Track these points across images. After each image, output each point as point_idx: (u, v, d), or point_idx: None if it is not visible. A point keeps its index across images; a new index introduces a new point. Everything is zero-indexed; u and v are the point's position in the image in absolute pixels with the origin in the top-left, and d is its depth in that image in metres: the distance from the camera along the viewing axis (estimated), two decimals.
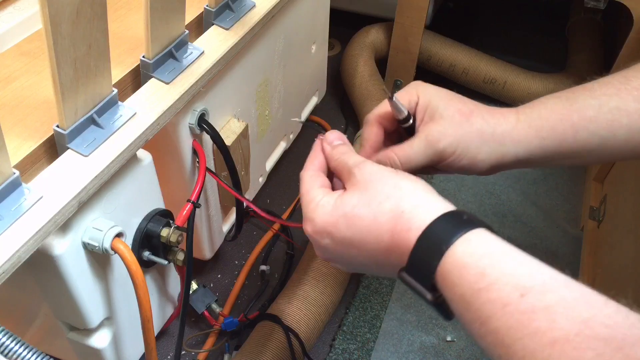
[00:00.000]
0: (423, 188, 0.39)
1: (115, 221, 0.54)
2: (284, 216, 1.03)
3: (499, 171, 0.48)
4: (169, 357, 0.84)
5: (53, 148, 0.52)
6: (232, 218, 0.86)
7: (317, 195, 0.42)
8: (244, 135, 0.77)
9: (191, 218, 0.63)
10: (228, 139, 0.73)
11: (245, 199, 0.73)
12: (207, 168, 0.69)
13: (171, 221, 0.64)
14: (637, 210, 0.81)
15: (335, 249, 0.41)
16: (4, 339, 0.41)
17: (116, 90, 0.55)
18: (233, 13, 0.70)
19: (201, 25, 0.70)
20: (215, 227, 0.82)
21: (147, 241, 0.62)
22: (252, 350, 0.76)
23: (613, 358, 0.27)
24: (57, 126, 0.50)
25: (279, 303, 0.83)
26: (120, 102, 0.56)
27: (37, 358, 0.41)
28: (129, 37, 0.64)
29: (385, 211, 0.38)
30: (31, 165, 0.50)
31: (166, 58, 0.61)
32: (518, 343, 0.30)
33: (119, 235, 0.53)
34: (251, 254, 0.97)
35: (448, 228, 0.35)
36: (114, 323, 0.62)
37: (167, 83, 0.60)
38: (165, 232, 0.61)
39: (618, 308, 0.30)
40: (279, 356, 0.76)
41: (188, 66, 0.62)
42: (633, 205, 0.85)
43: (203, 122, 0.67)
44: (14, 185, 0.46)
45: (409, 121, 0.47)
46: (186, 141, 0.67)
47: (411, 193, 0.38)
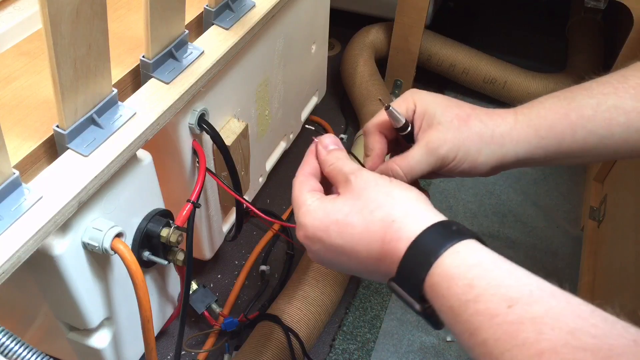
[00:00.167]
0: (416, 197, 0.39)
1: (115, 221, 0.54)
2: (284, 216, 1.03)
3: (501, 171, 0.48)
4: (169, 357, 0.84)
5: (53, 148, 0.52)
6: (232, 218, 0.86)
7: (307, 199, 0.42)
8: (244, 135, 0.77)
9: (191, 218, 0.63)
10: (228, 139, 0.73)
11: (244, 200, 0.73)
12: (207, 168, 0.69)
13: (171, 221, 0.64)
14: (637, 210, 0.81)
15: (326, 255, 0.41)
16: (4, 339, 0.41)
17: (116, 90, 0.55)
18: (233, 13, 0.70)
19: (201, 25, 0.70)
20: (215, 227, 0.82)
21: (147, 241, 0.62)
22: (252, 350, 0.76)
23: None
24: (57, 126, 0.50)
25: (279, 303, 0.83)
26: (120, 102, 0.56)
27: (37, 358, 0.41)
28: (129, 37, 0.64)
29: (376, 220, 0.38)
30: (31, 165, 0.50)
31: (166, 58, 0.61)
32: (506, 354, 0.30)
33: (119, 235, 0.53)
34: (251, 254, 0.97)
35: (437, 239, 0.36)
36: (114, 323, 0.62)
37: (167, 83, 0.60)
38: (165, 232, 0.61)
39: (605, 317, 0.30)
40: (279, 356, 0.75)
41: (188, 66, 0.62)
42: (633, 205, 0.85)
43: (203, 122, 0.67)
44: (14, 185, 0.46)
45: (407, 129, 0.47)
46: (186, 141, 0.67)
47: (402, 202, 0.39)
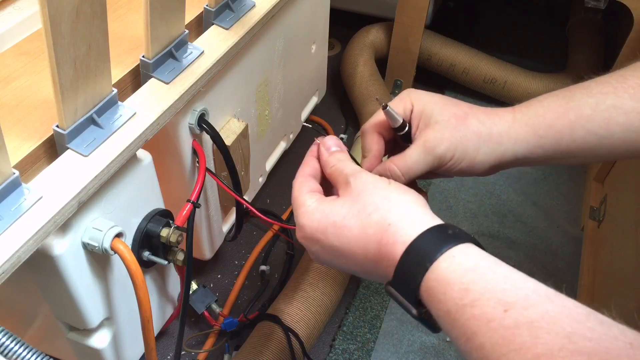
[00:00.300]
0: (413, 200, 0.39)
1: (115, 221, 0.54)
2: (284, 216, 1.03)
3: (499, 170, 0.48)
4: (169, 358, 0.84)
5: (53, 148, 0.52)
6: (232, 218, 0.86)
7: (306, 200, 0.43)
8: (244, 135, 0.77)
9: (191, 218, 0.63)
10: (228, 139, 0.73)
11: (243, 200, 0.72)
12: (207, 168, 0.69)
13: (171, 221, 0.64)
14: (637, 210, 0.81)
15: (325, 256, 0.42)
16: (4, 339, 0.41)
17: (116, 90, 0.55)
18: (233, 13, 0.70)
19: (201, 25, 0.70)
20: (215, 227, 0.82)
21: (147, 241, 0.62)
22: (252, 350, 0.76)
23: None
24: (57, 126, 0.50)
25: (279, 303, 0.83)
26: (120, 102, 0.56)
27: (37, 358, 0.41)
28: (129, 37, 0.64)
29: (372, 223, 0.38)
30: (31, 165, 0.50)
31: (166, 58, 0.61)
32: (503, 359, 0.30)
33: (119, 235, 0.53)
34: (251, 254, 0.97)
35: (433, 243, 0.36)
36: (114, 323, 0.62)
37: (167, 83, 0.60)
38: (165, 232, 0.61)
39: (601, 320, 0.30)
40: (279, 356, 0.75)
41: (188, 66, 0.62)
42: (633, 205, 0.85)
43: (203, 122, 0.67)
44: (14, 185, 0.46)
45: (405, 129, 0.47)
46: (186, 141, 0.67)
47: (399, 205, 0.39)
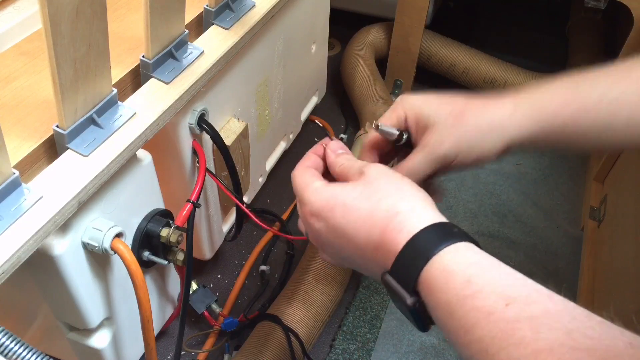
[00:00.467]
0: (423, 197, 0.39)
1: (115, 221, 0.54)
2: (284, 216, 1.03)
3: (511, 152, 0.47)
4: (169, 357, 0.84)
5: (53, 148, 0.52)
6: (232, 218, 0.86)
7: (313, 181, 0.43)
8: (244, 135, 0.77)
9: (191, 218, 0.63)
10: (228, 139, 0.73)
11: (241, 204, 0.73)
12: (207, 169, 0.69)
13: (171, 221, 0.64)
14: (637, 210, 0.81)
15: (327, 235, 0.41)
16: (4, 339, 0.41)
17: (116, 90, 0.55)
18: (233, 13, 0.70)
19: (201, 25, 0.70)
20: (215, 227, 0.82)
21: (147, 241, 0.62)
22: (252, 350, 0.76)
23: None
24: (57, 126, 0.50)
25: (279, 303, 0.83)
26: (120, 102, 0.56)
27: (37, 358, 0.41)
28: (129, 37, 0.64)
29: (382, 208, 0.38)
30: (31, 165, 0.50)
31: (166, 58, 0.61)
32: (502, 352, 0.30)
33: (119, 235, 0.53)
34: (251, 254, 0.97)
35: (438, 235, 0.36)
36: (114, 323, 0.62)
37: (167, 83, 0.60)
38: (165, 232, 0.61)
39: (601, 321, 0.30)
40: (279, 356, 0.75)
41: (188, 66, 0.62)
42: (633, 205, 0.85)
43: (203, 122, 0.67)
44: (14, 185, 0.46)
45: (402, 140, 0.48)
46: (186, 141, 0.67)
47: (410, 198, 0.39)
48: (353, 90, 1.22)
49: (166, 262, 0.63)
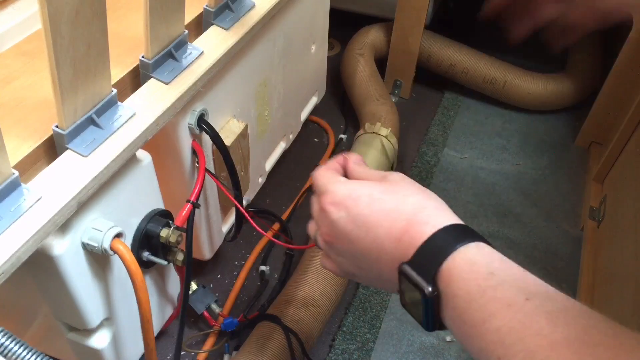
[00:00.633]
0: (446, 205, 0.41)
1: (114, 221, 0.54)
2: (284, 216, 1.03)
3: None
4: (169, 358, 0.84)
5: (52, 148, 0.52)
6: (232, 218, 0.86)
7: (335, 176, 0.45)
8: (244, 135, 0.77)
9: (190, 218, 0.63)
10: (227, 139, 0.72)
11: (240, 207, 0.73)
12: (207, 169, 0.69)
13: (170, 221, 0.64)
14: (637, 210, 0.81)
15: (344, 226, 0.42)
16: (4, 340, 0.41)
17: (115, 90, 0.55)
18: (232, 13, 0.70)
19: (201, 25, 0.70)
20: (214, 228, 0.82)
21: (147, 241, 0.62)
22: (252, 350, 0.76)
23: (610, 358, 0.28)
24: (57, 126, 0.50)
25: (279, 303, 0.83)
26: (119, 102, 0.56)
27: (37, 358, 0.41)
28: (129, 37, 0.64)
29: (408, 202, 0.40)
30: (30, 165, 0.50)
31: (165, 58, 0.61)
32: (519, 343, 0.31)
33: (119, 235, 0.53)
34: (251, 254, 0.97)
35: (463, 232, 0.37)
36: (114, 323, 0.62)
37: (167, 83, 0.60)
38: (164, 233, 0.61)
39: (616, 324, 0.31)
40: (279, 356, 0.75)
41: (187, 66, 0.62)
42: (633, 205, 0.85)
43: (202, 122, 0.67)
44: (13, 185, 0.46)
45: None
46: (185, 141, 0.67)
47: (435, 198, 0.41)
48: (353, 90, 1.22)
49: (166, 263, 0.63)
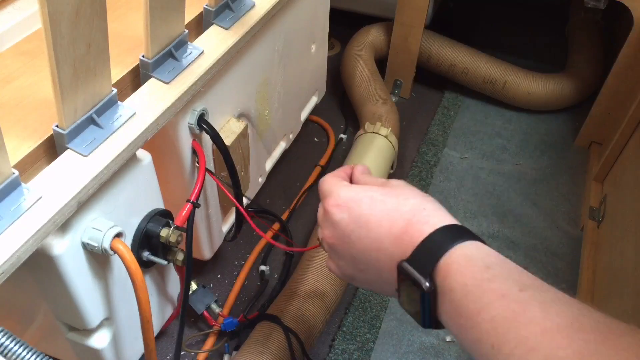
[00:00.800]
0: (444, 208, 0.43)
1: (114, 221, 0.54)
2: (284, 216, 1.03)
3: None
4: (169, 358, 0.84)
5: (52, 148, 0.52)
6: (232, 218, 0.86)
7: (341, 181, 0.47)
8: (244, 135, 0.77)
9: (191, 218, 0.63)
10: (228, 139, 0.72)
11: (241, 207, 0.73)
12: (207, 169, 0.69)
13: (171, 221, 0.64)
14: (637, 210, 0.81)
15: (346, 227, 0.44)
16: (4, 339, 0.41)
17: (115, 90, 0.55)
18: (233, 13, 0.70)
19: (201, 24, 0.70)
20: (214, 227, 0.82)
21: (147, 241, 0.62)
22: (252, 350, 0.76)
23: (601, 345, 0.30)
24: (57, 126, 0.50)
25: (279, 303, 0.83)
26: (119, 102, 0.56)
27: (37, 358, 0.41)
28: (129, 37, 0.64)
29: (408, 203, 0.42)
30: (30, 165, 0.50)
31: (166, 58, 0.61)
32: (512, 331, 0.32)
33: (119, 235, 0.53)
34: (251, 254, 0.97)
35: (460, 232, 0.39)
36: (114, 323, 0.62)
37: (167, 83, 0.60)
38: (164, 232, 0.61)
39: (606, 315, 0.32)
40: (279, 356, 0.75)
41: (188, 66, 0.62)
42: (633, 205, 0.85)
43: (203, 122, 0.67)
44: (13, 185, 0.46)
45: None
46: (186, 141, 0.67)
47: (434, 202, 0.43)
48: (353, 90, 1.22)
49: (166, 262, 0.63)
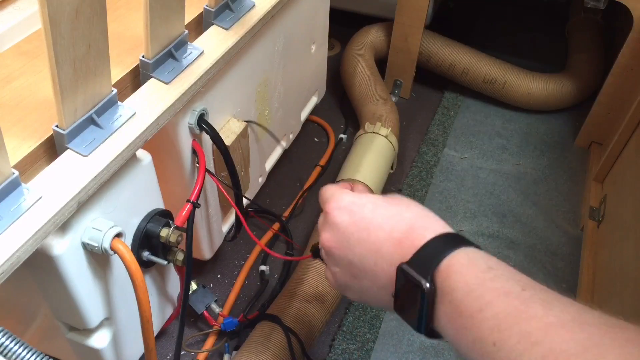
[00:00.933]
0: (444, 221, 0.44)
1: (114, 221, 0.54)
2: (284, 216, 1.03)
3: None
4: (169, 358, 0.84)
5: (52, 148, 0.52)
6: (232, 218, 0.86)
7: (341, 188, 0.48)
8: (244, 135, 0.77)
9: (190, 218, 0.63)
10: (227, 139, 0.72)
11: (238, 211, 0.73)
12: (207, 169, 0.69)
13: (171, 221, 0.64)
14: (637, 210, 0.81)
15: (346, 229, 0.45)
16: (4, 339, 0.41)
17: (115, 90, 0.55)
18: (233, 13, 0.70)
19: (201, 25, 0.70)
20: (214, 227, 0.82)
21: (147, 241, 0.62)
22: (252, 350, 0.76)
23: (603, 337, 0.30)
24: (57, 126, 0.50)
25: (279, 303, 0.83)
26: (119, 102, 0.56)
27: (37, 358, 0.41)
28: (129, 37, 0.64)
29: (410, 211, 0.43)
30: (30, 165, 0.50)
31: (166, 58, 0.61)
32: (514, 327, 0.32)
33: (119, 235, 0.53)
34: (251, 254, 0.97)
35: (461, 240, 0.40)
36: (114, 323, 0.62)
37: (167, 83, 0.60)
38: (164, 232, 0.61)
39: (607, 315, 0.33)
40: (279, 356, 0.75)
41: (187, 66, 0.62)
42: (633, 205, 0.85)
43: (202, 122, 0.67)
44: (13, 185, 0.46)
45: None
46: (186, 141, 0.67)
47: (434, 214, 0.44)
48: (353, 90, 1.22)
49: (166, 262, 0.63)
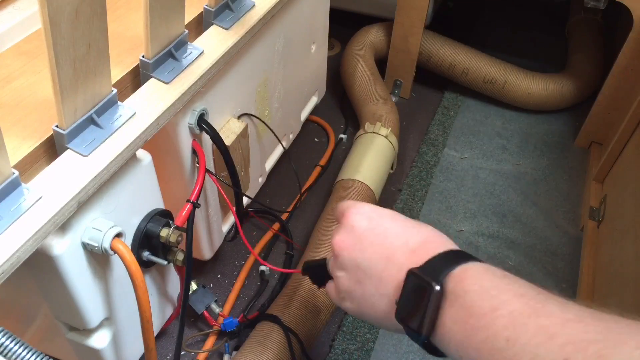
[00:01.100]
0: None
1: (114, 221, 0.54)
2: (284, 217, 1.03)
3: None
4: (169, 358, 0.84)
5: (52, 148, 0.52)
6: (232, 218, 0.86)
7: (363, 201, 0.51)
8: (244, 135, 0.77)
9: (191, 218, 0.63)
10: (227, 139, 0.73)
11: (235, 214, 0.73)
12: (207, 169, 0.69)
13: (171, 221, 0.64)
14: (637, 210, 0.81)
15: (362, 232, 0.47)
16: (4, 339, 0.41)
17: (115, 90, 0.55)
18: (233, 13, 0.70)
19: (201, 25, 0.70)
20: (214, 227, 0.82)
21: (147, 241, 0.62)
22: (252, 350, 0.76)
23: (622, 328, 0.31)
24: (57, 126, 0.50)
25: (279, 303, 0.83)
26: (119, 102, 0.56)
27: (37, 358, 0.41)
28: (129, 37, 0.64)
29: (428, 228, 0.46)
30: (30, 165, 0.50)
31: (166, 58, 0.61)
32: (531, 322, 0.33)
33: (119, 235, 0.53)
34: (251, 254, 0.97)
35: (475, 257, 0.42)
36: (114, 323, 0.62)
37: (167, 83, 0.60)
38: (164, 232, 0.61)
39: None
40: (279, 356, 0.75)
41: (188, 66, 0.62)
42: (633, 205, 0.85)
43: (202, 122, 0.67)
44: (13, 185, 0.46)
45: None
46: (186, 141, 0.67)
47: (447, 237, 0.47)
48: (353, 90, 1.22)
49: (166, 262, 0.63)
